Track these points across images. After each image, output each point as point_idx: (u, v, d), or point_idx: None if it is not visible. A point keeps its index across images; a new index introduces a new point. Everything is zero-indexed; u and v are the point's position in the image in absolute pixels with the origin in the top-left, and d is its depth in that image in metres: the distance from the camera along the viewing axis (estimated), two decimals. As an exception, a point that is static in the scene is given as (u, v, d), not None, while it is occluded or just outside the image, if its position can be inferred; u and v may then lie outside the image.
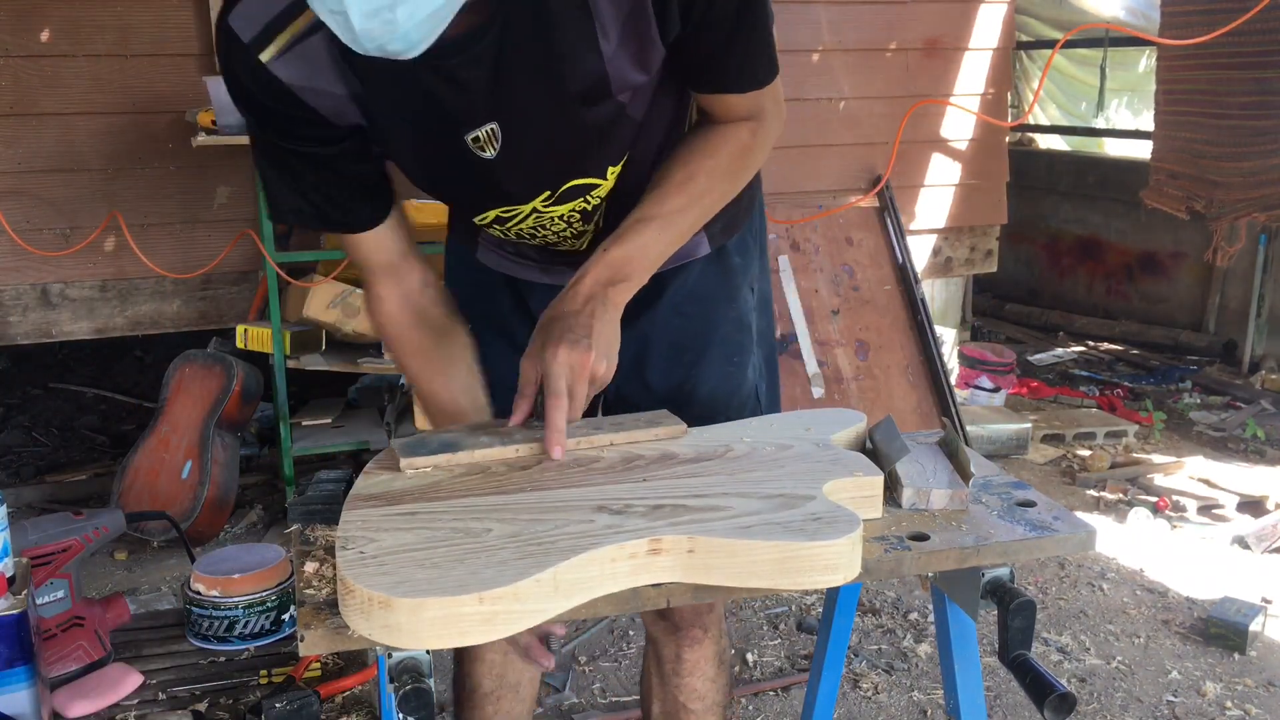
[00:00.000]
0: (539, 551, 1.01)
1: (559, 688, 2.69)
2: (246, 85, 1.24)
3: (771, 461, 1.23)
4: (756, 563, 1.04)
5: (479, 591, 0.95)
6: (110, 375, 5.15)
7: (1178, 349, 5.57)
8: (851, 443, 1.34)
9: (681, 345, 1.53)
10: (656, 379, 1.53)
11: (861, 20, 4.24)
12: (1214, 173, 4.69)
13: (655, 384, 1.52)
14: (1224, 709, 2.60)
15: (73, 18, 3.41)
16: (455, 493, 1.14)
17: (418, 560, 1.00)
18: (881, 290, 4.22)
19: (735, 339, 1.57)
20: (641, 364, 1.52)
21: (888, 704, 2.63)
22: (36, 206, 3.49)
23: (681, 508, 1.09)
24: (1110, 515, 3.69)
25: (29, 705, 1.42)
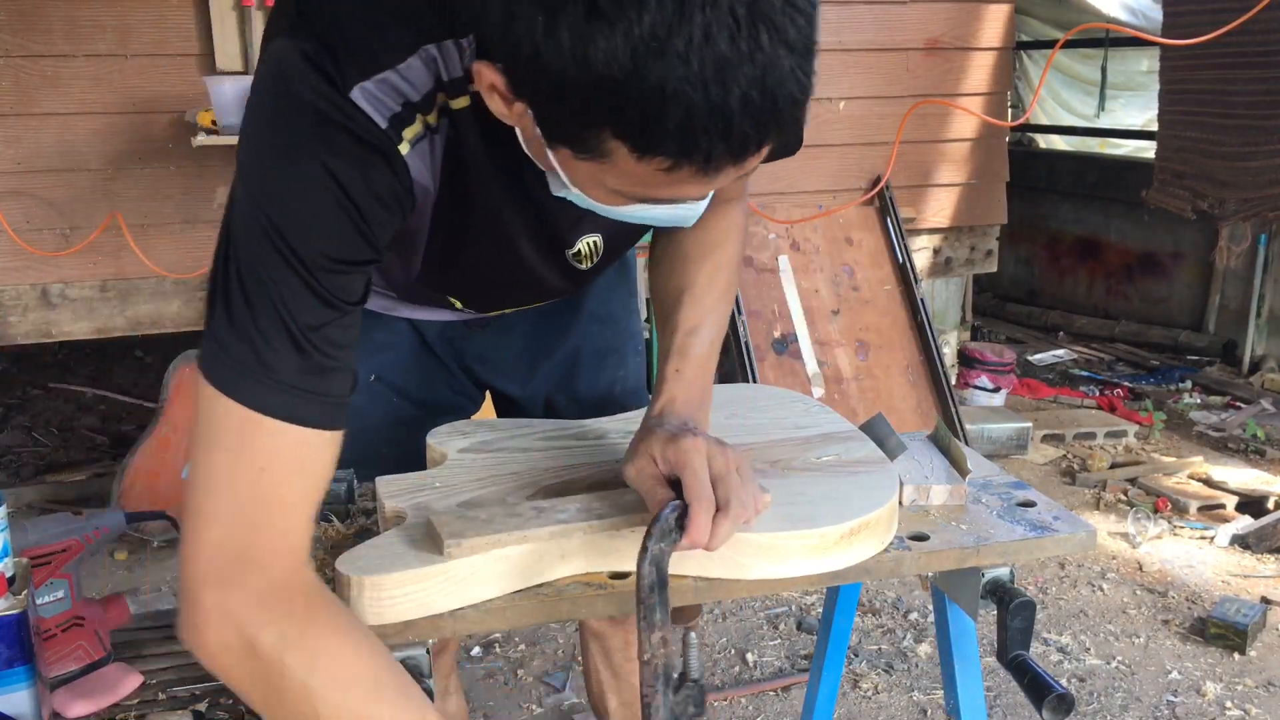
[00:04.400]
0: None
1: (559, 688, 2.69)
2: (349, 184, 0.97)
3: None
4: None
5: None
6: (110, 375, 5.15)
7: (1178, 349, 5.57)
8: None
9: (605, 350, 1.58)
10: (585, 388, 1.57)
11: (861, 20, 4.24)
12: (1221, 173, 4.69)
13: (583, 393, 1.57)
14: (1224, 709, 2.60)
15: (73, 18, 3.41)
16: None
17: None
18: (881, 290, 4.22)
19: (637, 329, 1.65)
20: (572, 376, 1.56)
21: (888, 704, 2.63)
22: (36, 206, 3.48)
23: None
24: (1110, 515, 3.69)
25: (29, 705, 1.42)
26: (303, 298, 0.94)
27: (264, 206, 0.95)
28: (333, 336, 0.97)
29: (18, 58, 3.38)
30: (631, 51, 0.77)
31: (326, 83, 0.95)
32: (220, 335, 0.94)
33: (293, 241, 0.94)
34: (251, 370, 0.94)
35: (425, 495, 1.16)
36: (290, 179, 0.95)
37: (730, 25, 0.77)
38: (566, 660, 2.80)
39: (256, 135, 0.99)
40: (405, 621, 1.00)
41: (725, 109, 0.79)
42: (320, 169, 0.95)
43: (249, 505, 0.95)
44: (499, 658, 2.82)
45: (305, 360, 0.95)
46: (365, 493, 1.30)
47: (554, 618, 1.08)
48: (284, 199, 0.95)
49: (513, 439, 1.31)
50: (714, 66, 0.78)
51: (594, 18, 0.77)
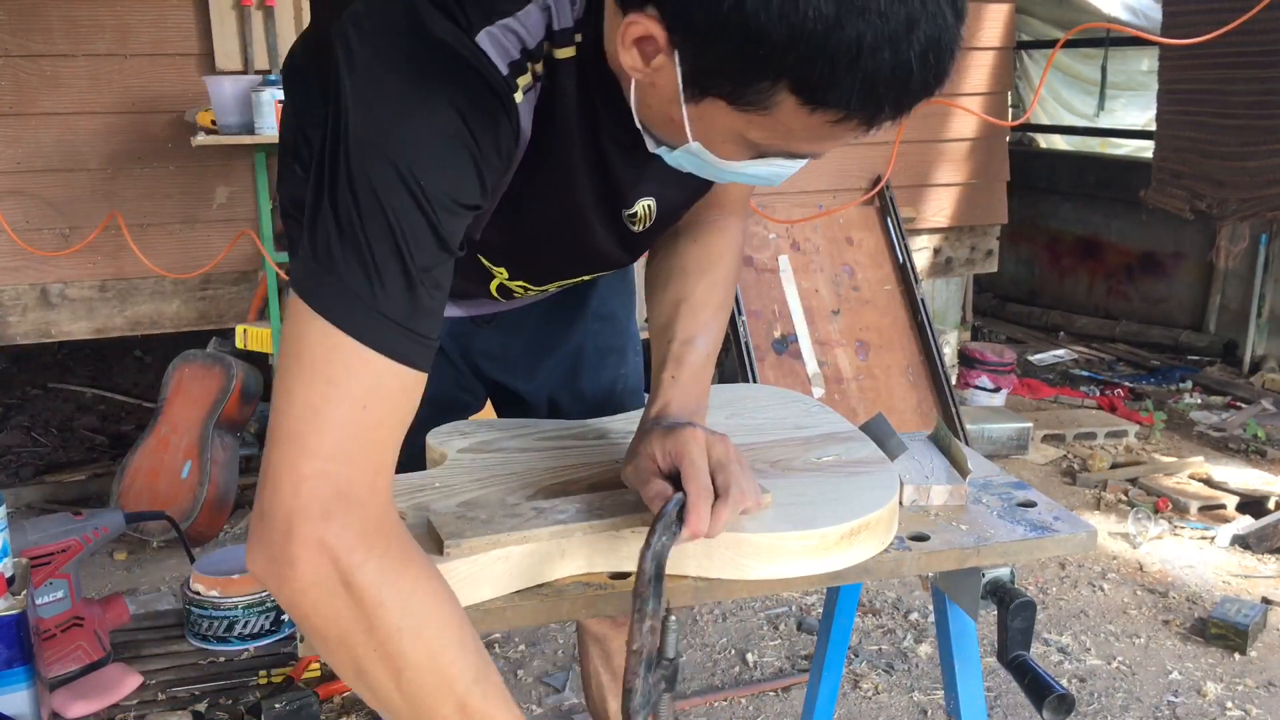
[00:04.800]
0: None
1: (559, 688, 2.68)
2: (476, 129, 0.96)
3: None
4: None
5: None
6: (110, 375, 5.15)
7: (1178, 349, 5.57)
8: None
9: (607, 348, 1.59)
10: (588, 386, 1.58)
11: (862, 20, 4.24)
12: (1219, 172, 4.69)
13: (587, 391, 1.57)
14: (1225, 709, 2.60)
15: (72, 18, 3.41)
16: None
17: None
18: (882, 290, 4.22)
19: (635, 330, 1.65)
20: (575, 373, 1.56)
21: (888, 704, 2.63)
22: (36, 206, 3.48)
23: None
24: (1111, 515, 3.69)
25: (28, 706, 1.42)
26: (424, 235, 0.93)
27: (392, 142, 0.92)
28: (439, 279, 0.96)
29: (18, 58, 3.38)
30: (836, 6, 0.79)
31: (454, 24, 0.94)
32: (330, 263, 0.91)
33: (423, 179, 0.92)
34: (366, 303, 0.91)
35: (425, 496, 1.15)
36: (423, 117, 0.94)
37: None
38: (566, 660, 2.80)
39: (381, 70, 0.95)
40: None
41: (908, 65, 0.83)
42: (453, 111, 0.94)
43: (350, 442, 0.92)
44: (499, 658, 2.82)
45: (416, 300, 0.93)
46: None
47: (554, 618, 1.08)
48: (416, 136, 0.93)
49: (513, 439, 1.31)
50: (905, 23, 0.81)
51: None
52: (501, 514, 1.07)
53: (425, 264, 0.93)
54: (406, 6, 0.95)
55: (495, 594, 1.04)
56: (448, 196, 0.94)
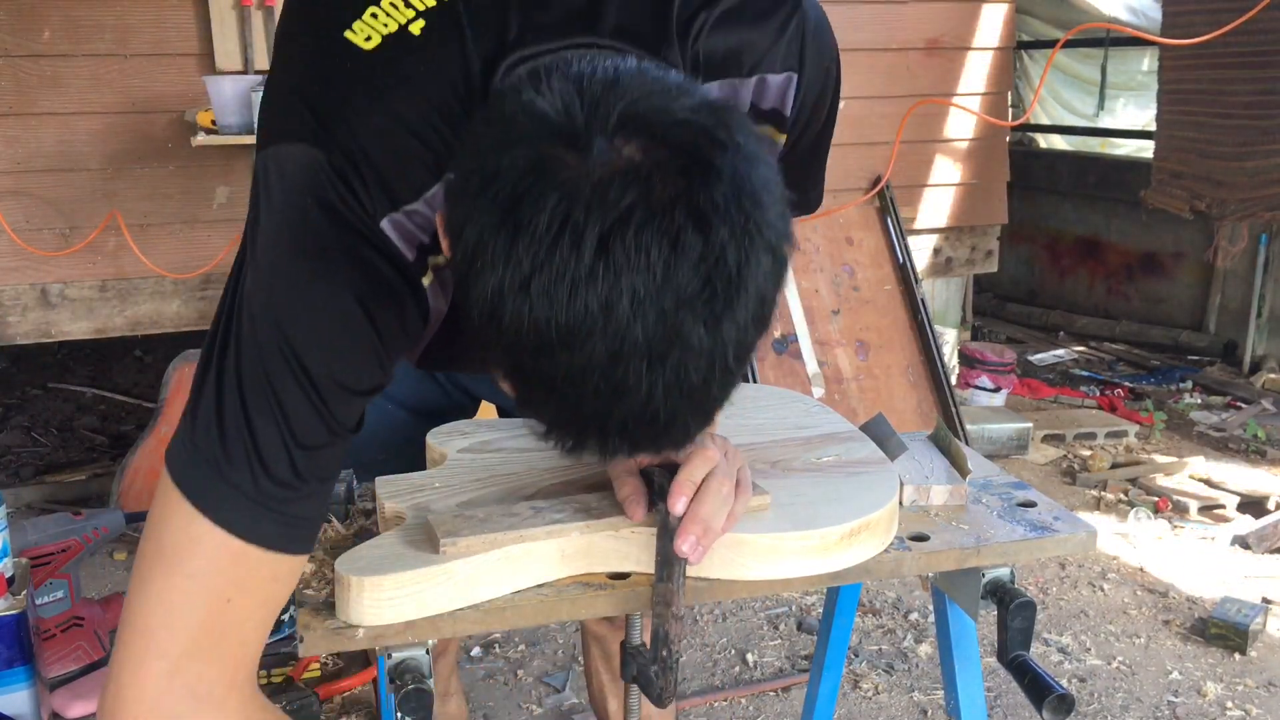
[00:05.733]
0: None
1: (559, 688, 2.68)
2: (378, 318, 0.93)
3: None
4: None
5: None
6: (110, 375, 5.15)
7: (1178, 349, 5.57)
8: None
9: None
10: None
11: (861, 20, 4.24)
12: (1218, 173, 4.69)
13: None
14: (1225, 709, 2.60)
15: (72, 18, 3.41)
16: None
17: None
18: (882, 290, 4.22)
19: None
20: None
21: (888, 704, 2.63)
22: (36, 206, 3.48)
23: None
24: (1111, 515, 3.69)
25: (28, 705, 1.42)
26: (312, 421, 0.90)
27: (289, 328, 0.89)
28: (326, 462, 0.93)
29: (18, 58, 3.38)
30: (543, 362, 0.77)
31: (360, 207, 0.91)
32: (209, 443, 0.88)
33: (315, 369, 0.89)
34: (242, 491, 0.88)
35: (425, 496, 1.15)
36: (320, 306, 0.90)
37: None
38: (566, 660, 2.80)
39: (288, 246, 0.91)
40: (405, 622, 1.00)
41: (609, 438, 0.81)
42: (354, 302, 0.90)
43: (207, 639, 0.89)
44: (499, 658, 2.82)
45: (299, 485, 0.90)
46: (365, 493, 1.29)
47: (554, 618, 1.07)
48: (315, 326, 0.90)
49: (513, 439, 1.31)
50: (609, 397, 0.77)
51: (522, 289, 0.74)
52: (499, 514, 1.07)
53: (311, 446, 0.90)
54: (310, 179, 0.91)
55: (495, 594, 1.04)
56: (341, 386, 0.91)
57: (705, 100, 0.80)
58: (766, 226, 0.76)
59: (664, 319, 0.73)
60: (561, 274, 0.72)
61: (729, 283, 0.74)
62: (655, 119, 0.76)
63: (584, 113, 0.76)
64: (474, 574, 1.02)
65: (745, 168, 0.76)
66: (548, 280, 0.72)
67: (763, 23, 1.02)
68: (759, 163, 0.77)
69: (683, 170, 0.74)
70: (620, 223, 0.72)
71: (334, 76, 0.95)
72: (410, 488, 1.17)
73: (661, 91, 0.78)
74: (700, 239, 0.73)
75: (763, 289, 0.76)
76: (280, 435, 0.88)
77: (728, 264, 0.74)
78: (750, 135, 0.79)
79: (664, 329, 0.73)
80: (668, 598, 1.01)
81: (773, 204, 0.77)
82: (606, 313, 0.72)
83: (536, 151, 0.75)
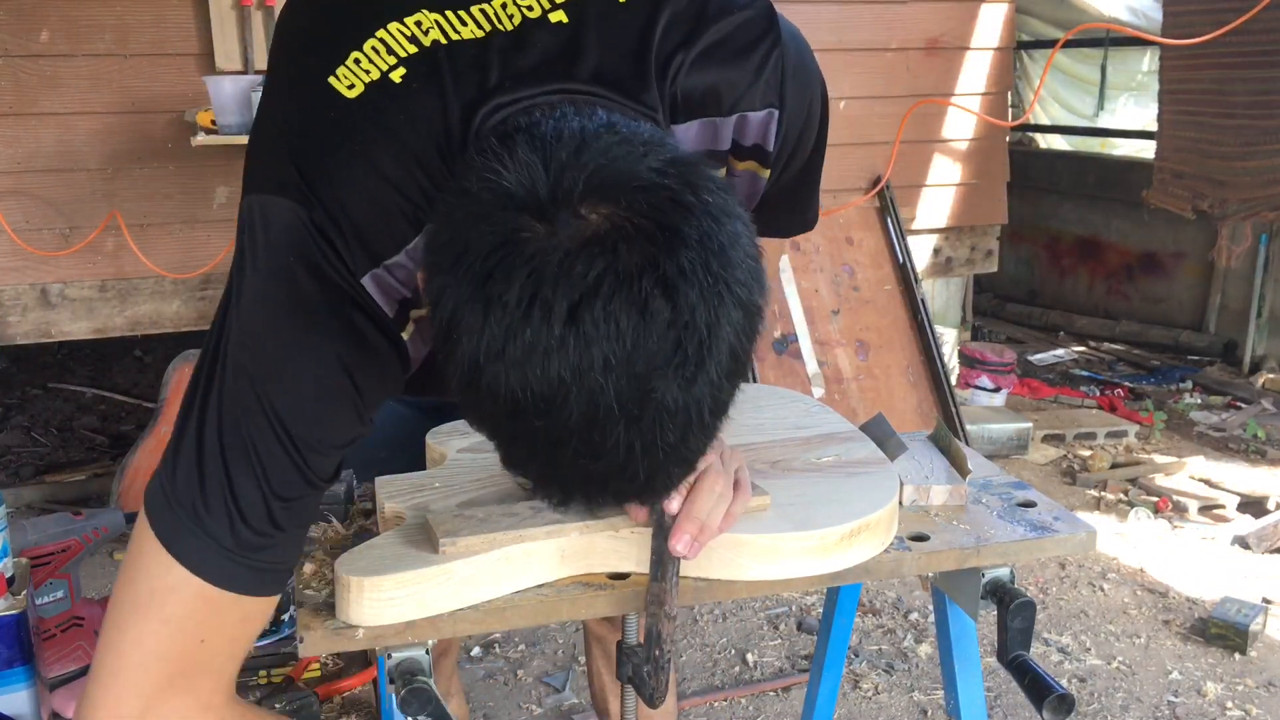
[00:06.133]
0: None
1: (559, 688, 2.68)
2: (358, 374, 0.94)
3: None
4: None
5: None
6: (110, 375, 5.15)
7: (1178, 349, 5.57)
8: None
9: None
10: None
11: (861, 20, 4.24)
12: (1220, 172, 4.69)
13: None
14: (1225, 709, 2.60)
15: (72, 18, 3.41)
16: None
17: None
18: (881, 290, 4.22)
19: None
20: None
21: (888, 704, 2.63)
22: (36, 206, 3.48)
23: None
24: (1111, 515, 3.69)
25: (28, 706, 1.42)
26: (289, 477, 0.92)
27: (269, 388, 0.91)
28: (304, 511, 0.97)
29: (17, 58, 3.38)
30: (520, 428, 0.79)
31: (343, 265, 0.92)
32: (189, 491, 0.90)
33: (293, 427, 0.91)
34: (218, 540, 0.91)
35: (424, 496, 1.15)
36: (304, 371, 0.92)
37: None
38: (566, 660, 2.80)
39: (268, 306, 0.93)
40: (405, 622, 1.00)
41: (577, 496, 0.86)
42: (336, 362, 0.92)
43: (181, 676, 0.93)
44: (499, 658, 2.82)
45: (276, 535, 0.93)
46: (365, 493, 1.29)
47: (554, 618, 1.08)
48: (294, 389, 0.92)
49: None
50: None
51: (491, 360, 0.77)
52: (499, 514, 1.07)
53: (291, 496, 0.93)
54: (298, 244, 0.92)
55: (495, 594, 1.04)
56: (319, 442, 0.94)
57: (673, 157, 0.80)
58: (736, 284, 0.77)
59: (636, 383, 0.75)
60: (533, 345, 0.74)
61: (700, 344, 0.76)
62: (621, 183, 0.77)
63: (549, 182, 0.77)
64: (474, 574, 1.02)
65: (712, 228, 0.77)
66: (521, 351, 0.74)
67: (741, 61, 1.02)
68: (726, 219, 0.78)
69: (649, 237, 0.75)
70: (589, 294, 0.73)
71: (317, 126, 0.96)
72: (410, 488, 1.17)
73: (628, 153, 0.79)
74: (668, 305, 0.74)
75: (734, 344, 0.78)
76: (259, 488, 0.91)
77: (697, 326, 0.75)
78: (718, 190, 0.80)
79: (637, 392, 0.75)
80: (661, 597, 1.01)
81: (742, 260, 0.78)
82: (579, 380, 0.74)
83: (505, 226, 0.76)
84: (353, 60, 0.96)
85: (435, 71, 0.94)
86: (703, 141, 1.04)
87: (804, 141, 1.13)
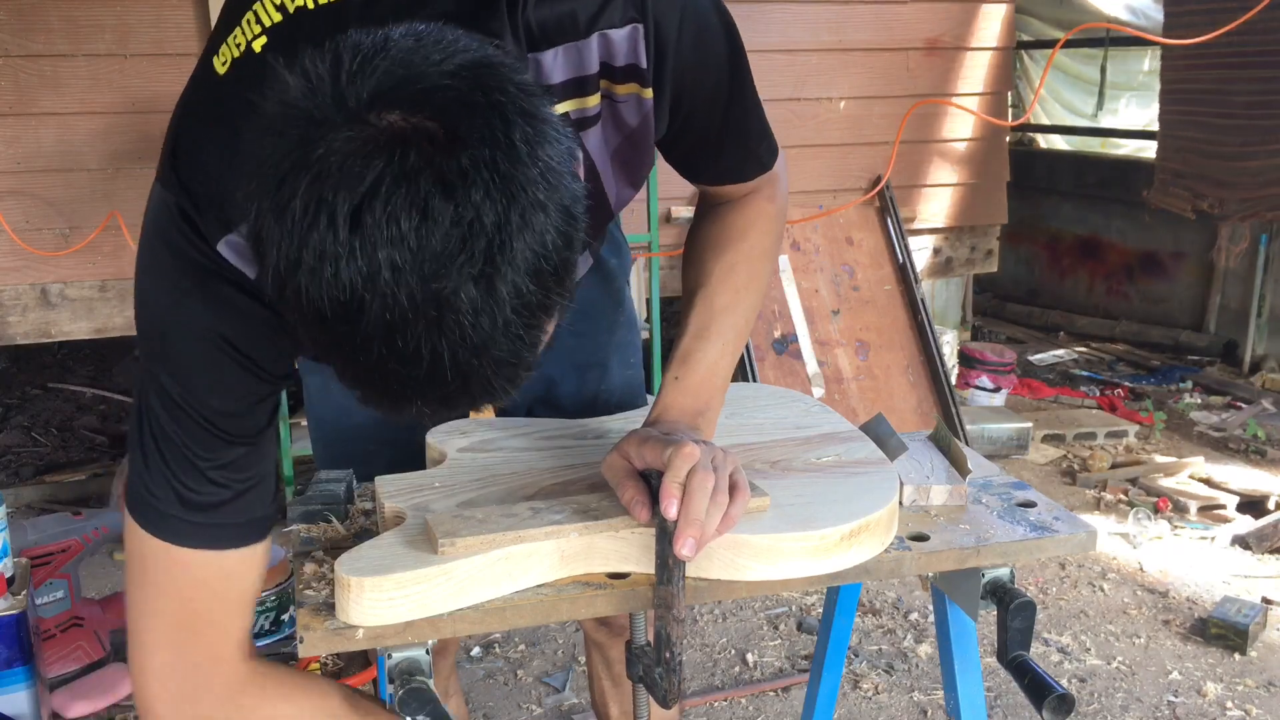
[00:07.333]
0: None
1: (559, 688, 2.68)
2: (235, 338, 0.99)
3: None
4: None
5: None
6: (109, 375, 5.15)
7: (1178, 349, 5.57)
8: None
9: (585, 364, 1.55)
10: (567, 400, 1.54)
11: (861, 20, 4.24)
12: (1221, 173, 4.69)
13: (566, 405, 1.53)
14: (1225, 709, 2.60)
15: (72, 17, 3.41)
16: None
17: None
18: (881, 290, 4.22)
19: (628, 340, 1.60)
20: (551, 389, 1.53)
21: (888, 704, 2.63)
22: (36, 206, 3.48)
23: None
24: (1111, 515, 3.69)
25: (28, 705, 1.42)
26: (209, 443, 1.00)
27: (159, 367, 1.00)
28: (245, 464, 1.03)
29: (17, 58, 3.38)
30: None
31: (199, 239, 0.97)
32: (141, 479, 1.02)
33: (190, 401, 0.99)
34: (173, 509, 1.01)
35: (424, 496, 1.15)
36: (176, 339, 0.99)
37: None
38: (566, 661, 2.80)
39: (143, 288, 1.02)
40: (405, 622, 1.00)
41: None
42: (204, 329, 0.98)
43: (181, 631, 1.05)
44: (499, 658, 2.82)
45: (220, 492, 1.02)
46: (364, 493, 1.29)
47: (554, 618, 1.08)
48: (178, 366, 1.00)
49: (512, 438, 1.31)
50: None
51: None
52: (498, 514, 1.07)
53: (220, 460, 1.01)
54: (162, 227, 1.00)
55: (494, 594, 1.04)
56: (220, 406, 1.00)
57: (472, 59, 0.79)
58: (530, 184, 0.76)
59: (426, 284, 0.74)
60: (322, 252, 0.74)
61: (489, 243, 0.75)
62: (410, 87, 0.76)
63: (334, 91, 0.76)
64: (473, 574, 1.02)
65: (501, 127, 0.76)
66: (312, 259, 0.74)
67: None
68: (522, 119, 0.77)
69: (430, 138, 0.74)
70: (369, 196, 0.73)
71: (192, 107, 1.02)
72: (410, 488, 1.17)
73: (422, 59, 0.78)
74: (449, 204, 0.74)
75: (538, 244, 0.77)
76: (184, 455, 1.00)
77: (484, 224, 0.74)
78: (517, 92, 0.79)
79: (430, 294, 0.75)
80: (669, 601, 1.01)
81: (541, 159, 0.77)
82: (371, 284, 0.74)
83: (292, 136, 0.76)
84: (232, 35, 0.99)
85: (293, 38, 0.94)
86: (569, 68, 1.03)
87: (702, 57, 1.09)
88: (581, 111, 1.06)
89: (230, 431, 1.01)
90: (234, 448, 1.01)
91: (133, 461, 1.03)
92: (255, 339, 0.99)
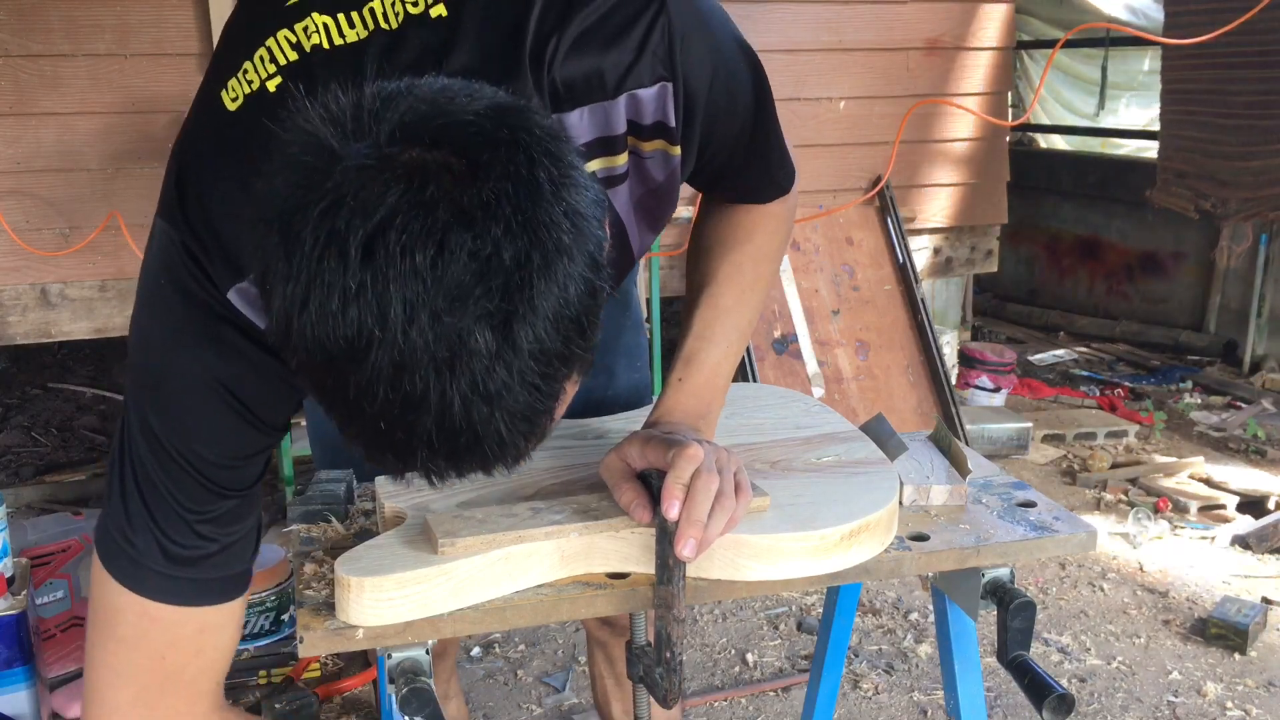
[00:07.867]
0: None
1: (559, 688, 2.68)
2: (235, 386, 0.96)
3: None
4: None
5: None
6: (110, 375, 5.15)
7: (1178, 349, 5.57)
8: None
9: (593, 368, 1.53)
10: (573, 404, 1.52)
11: (861, 20, 4.24)
12: (1222, 172, 4.69)
13: (572, 408, 1.51)
14: (1225, 709, 2.60)
15: (72, 17, 3.40)
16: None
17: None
18: (881, 290, 4.22)
19: (635, 343, 1.59)
20: None
21: (888, 704, 2.63)
22: (36, 206, 3.48)
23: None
24: (1111, 515, 3.69)
25: (28, 705, 1.42)
26: (199, 495, 0.96)
27: (146, 406, 0.95)
28: (234, 517, 0.99)
29: (18, 58, 3.38)
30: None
31: (209, 282, 0.94)
32: (118, 526, 0.96)
33: (180, 449, 0.94)
34: (154, 563, 0.95)
35: (424, 496, 1.15)
36: (172, 383, 0.95)
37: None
38: (566, 660, 2.80)
39: (143, 324, 0.98)
40: (405, 622, 1.00)
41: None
42: (203, 375, 0.94)
43: (150, 691, 0.98)
44: (499, 658, 2.82)
45: (206, 546, 0.97)
46: (364, 493, 1.29)
47: (554, 618, 1.08)
48: (176, 417, 0.95)
49: None
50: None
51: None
52: (498, 514, 1.07)
53: (208, 513, 0.96)
54: (163, 259, 0.96)
55: (494, 594, 1.04)
56: (213, 460, 0.96)
57: (495, 103, 0.76)
58: (553, 225, 0.72)
59: (438, 321, 0.70)
60: (332, 286, 0.69)
61: (508, 279, 0.70)
62: (433, 124, 0.73)
63: (355, 123, 0.73)
64: (473, 574, 1.02)
65: (525, 164, 0.72)
66: (321, 295, 0.70)
67: (621, 40, 0.96)
68: (547, 160, 0.74)
69: (450, 170, 0.71)
70: (383, 226, 0.69)
71: (201, 142, 0.98)
72: (410, 487, 1.17)
73: (447, 99, 0.75)
74: (468, 236, 0.69)
75: (560, 288, 0.72)
76: (171, 507, 0.95)
77: (503, 260, 0.70)
78: (543, 135, 0.75)
79: (442, 332, 0.70)
80: (669, 601, 1.01)
81: (564, 200, 0.73)
82: (382, 321, 0.70)
83: (308, 165, 0.73)
84: (243, 70, 0.95)
85: (309, 80, 0.90)
86: (596, 128, 0.99)
87: (728, 102, 1.06)
88: (609, 170, 1.03)
89: (222, 484, 0.97)
90: (225, 500, 0.97)
91: (109, 503, 0.97)
92: (258, 388, 0.96)
